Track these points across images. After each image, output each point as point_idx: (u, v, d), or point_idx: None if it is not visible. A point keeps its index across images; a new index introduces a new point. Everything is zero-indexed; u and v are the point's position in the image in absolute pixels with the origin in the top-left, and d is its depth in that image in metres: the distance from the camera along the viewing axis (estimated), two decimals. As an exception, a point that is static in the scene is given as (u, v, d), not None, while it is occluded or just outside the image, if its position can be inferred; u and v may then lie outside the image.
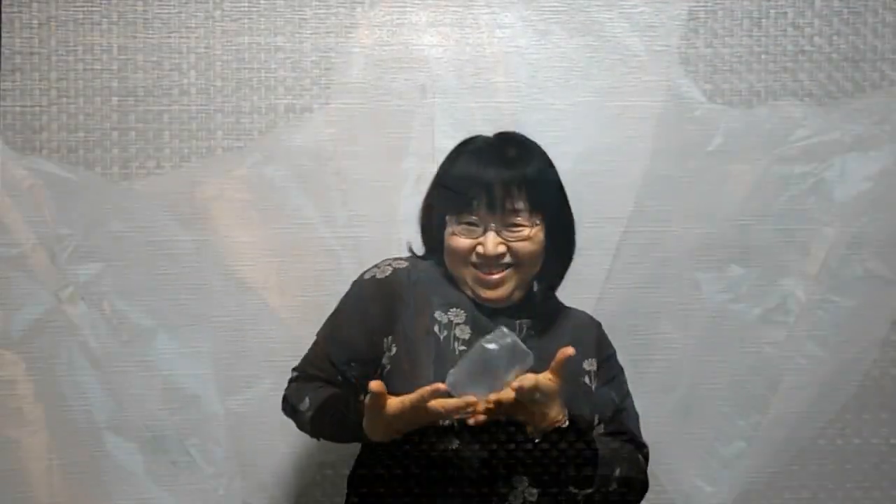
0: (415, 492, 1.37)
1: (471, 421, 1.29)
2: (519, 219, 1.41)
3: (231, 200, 1.76)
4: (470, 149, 1.46)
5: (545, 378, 1.30)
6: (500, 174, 1.40)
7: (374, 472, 1.41)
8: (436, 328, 1.41)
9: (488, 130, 1.50)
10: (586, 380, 1.45)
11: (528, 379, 1.29)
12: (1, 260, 1.70)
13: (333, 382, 1.45)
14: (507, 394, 1.29)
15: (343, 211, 1.78)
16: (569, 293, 1.52)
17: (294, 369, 1.52)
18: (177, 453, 1.72)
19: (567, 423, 1.33)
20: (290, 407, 1.49)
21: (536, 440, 1.33)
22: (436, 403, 1.27)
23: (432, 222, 1.47)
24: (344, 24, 1.78)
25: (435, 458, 1.35)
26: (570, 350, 1.31)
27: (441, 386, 1.28)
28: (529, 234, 1.41)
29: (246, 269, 1.76)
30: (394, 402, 1.29)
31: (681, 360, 1.78)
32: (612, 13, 1.78)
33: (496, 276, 1.41)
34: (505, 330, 1.31)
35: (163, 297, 1.73)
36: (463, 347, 1.39)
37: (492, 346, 1.29)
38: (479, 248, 1.40)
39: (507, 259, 1.41)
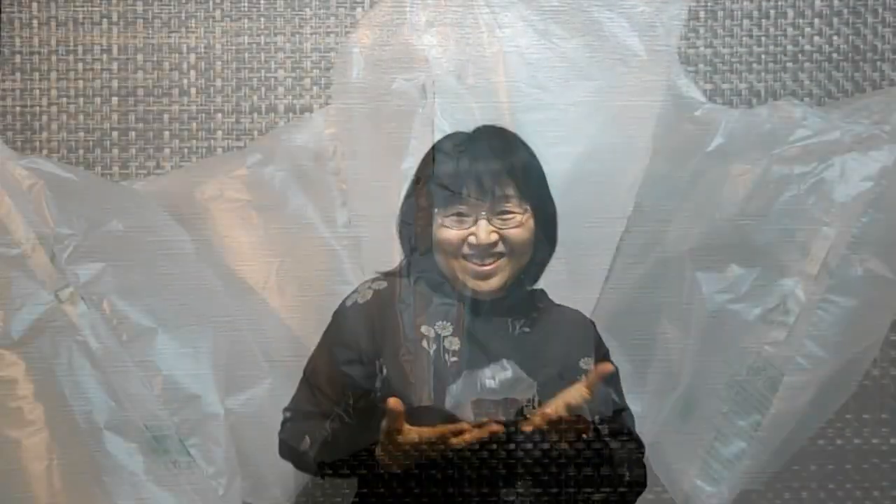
0: (415, 492, 1.36)
1: (526, 428, 1.27)
2: (509, 205, 1.40)
3: (231, 200, 1.76)
4: (452, 142, 1.45)
5: (587, 393, 1.29)
6: (488, 161, 1.40)
7: (375, 473, 1.41)
8: (424, 343, 1.40)
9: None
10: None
11: (575, 397, 1.28)
12: (1, 260, 1.69)
13: (330, 416, 1.44)
14: (559, 408, 1.27)
15: (343, 211, 1.78)
16: (569, 293, 1.52)
17: (286, 409, 1.50)
18: (177, 453, 1.72)
19: (593, 432, 1.34)
20: (288, 449, 1.47)
21: (563, 445, 1.33)
22: (458, 440, 1.26)
23: (418, 222, 1.45)
24: (344, 24, 1.79)
25: (435, 459, 1.35)
26: (609, 367, 1.31)
27: (465, 426, 1.26)
28: (521, 221, 1.40)
29: (246, 269, 1.76)
30: (410, 432, 1.27)
31: (681, 360, 1.77)
32: (612, 13, 1.77)
33: (489, 267, 1.40)
34: (505, 363, 1.29)
35: (163, 297, 1.72)
36: (454, 359, 1.38)
37: (491, 381, 1.27)
38: (472, 239, 1.40)
39: (500, 248, 1.40)
